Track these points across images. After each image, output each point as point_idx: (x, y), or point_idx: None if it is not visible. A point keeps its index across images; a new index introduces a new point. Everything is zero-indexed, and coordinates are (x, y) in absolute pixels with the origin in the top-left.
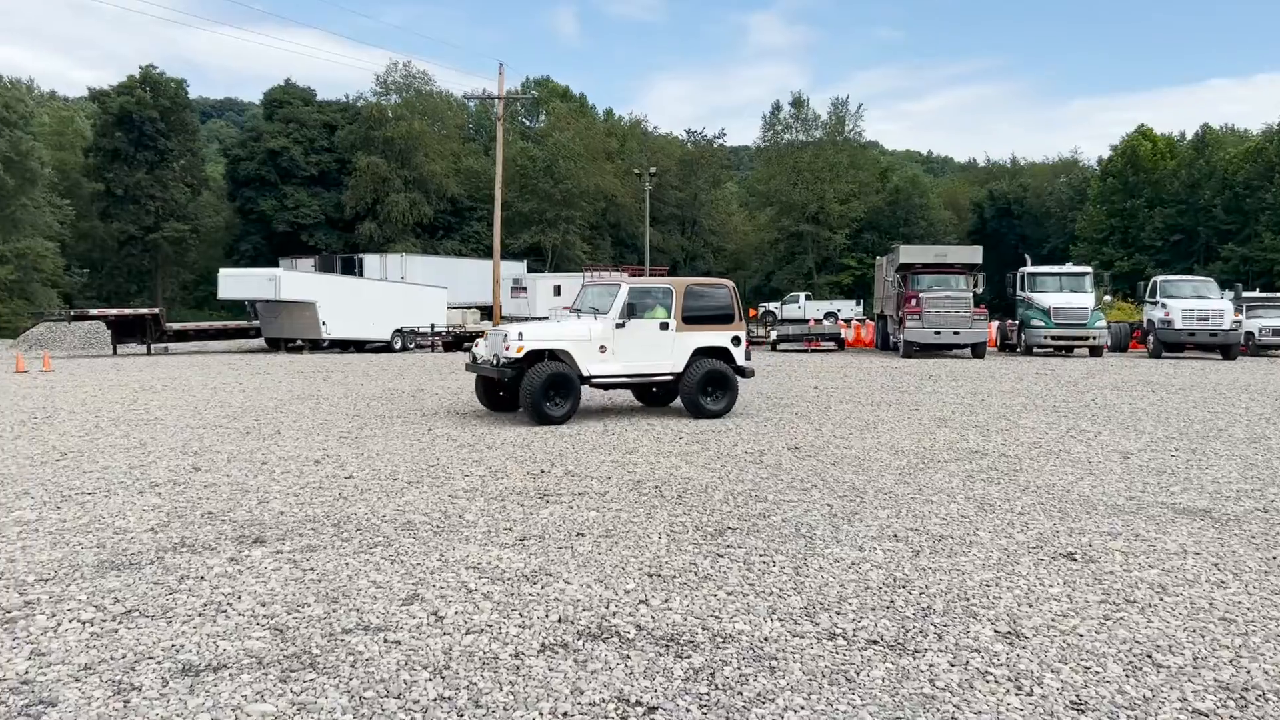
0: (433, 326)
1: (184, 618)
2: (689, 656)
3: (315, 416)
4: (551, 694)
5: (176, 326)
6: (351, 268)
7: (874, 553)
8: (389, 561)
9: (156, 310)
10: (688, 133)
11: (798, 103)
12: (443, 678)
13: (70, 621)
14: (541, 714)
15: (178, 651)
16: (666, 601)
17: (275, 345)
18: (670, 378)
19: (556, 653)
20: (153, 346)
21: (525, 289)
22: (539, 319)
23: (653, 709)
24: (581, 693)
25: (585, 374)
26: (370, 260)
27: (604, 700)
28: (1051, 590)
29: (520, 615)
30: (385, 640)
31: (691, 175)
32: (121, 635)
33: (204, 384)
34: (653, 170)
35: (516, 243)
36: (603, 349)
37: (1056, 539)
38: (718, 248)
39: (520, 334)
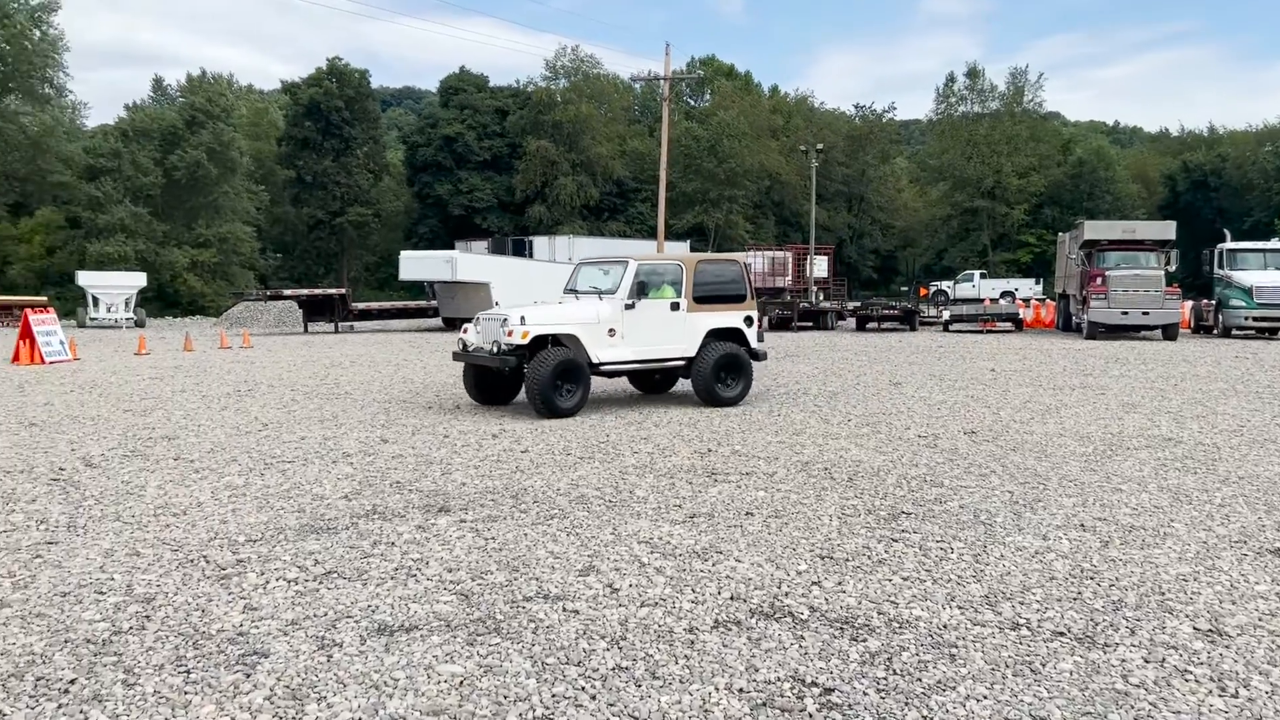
0: None
1: (377, 580)
2: (864, 640)
3: None
4: (726, 670)
5: (361, 306)
6: (522, 249)
7: (1059, 542)
8: (565, 533)
9: (344, 291)
10: (855, 107)
11: (973, 73)
12: (620, 648)
13: (277, 580)
14: (718, 689)
15: (373, 612)
16: (840, 584)
17: (451, 324)
18: (681, 363)
19: (730, 629)
20: (340, 325)
21: None
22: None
23: (829, 690)
24: (756, 670)
25: (594, 360)
26: (539, 242)
27: (779, 679)
28: (1258, 588)
29: (693, 591)
30: (564, 609)
31: (859, 151)
32: (323, 594)
33: (388, 360)
34: (819, 147)
35: (680, 223)
36: (611, 332)
37: (1262, 534)
38: (886, 225)
39: (522, 318)
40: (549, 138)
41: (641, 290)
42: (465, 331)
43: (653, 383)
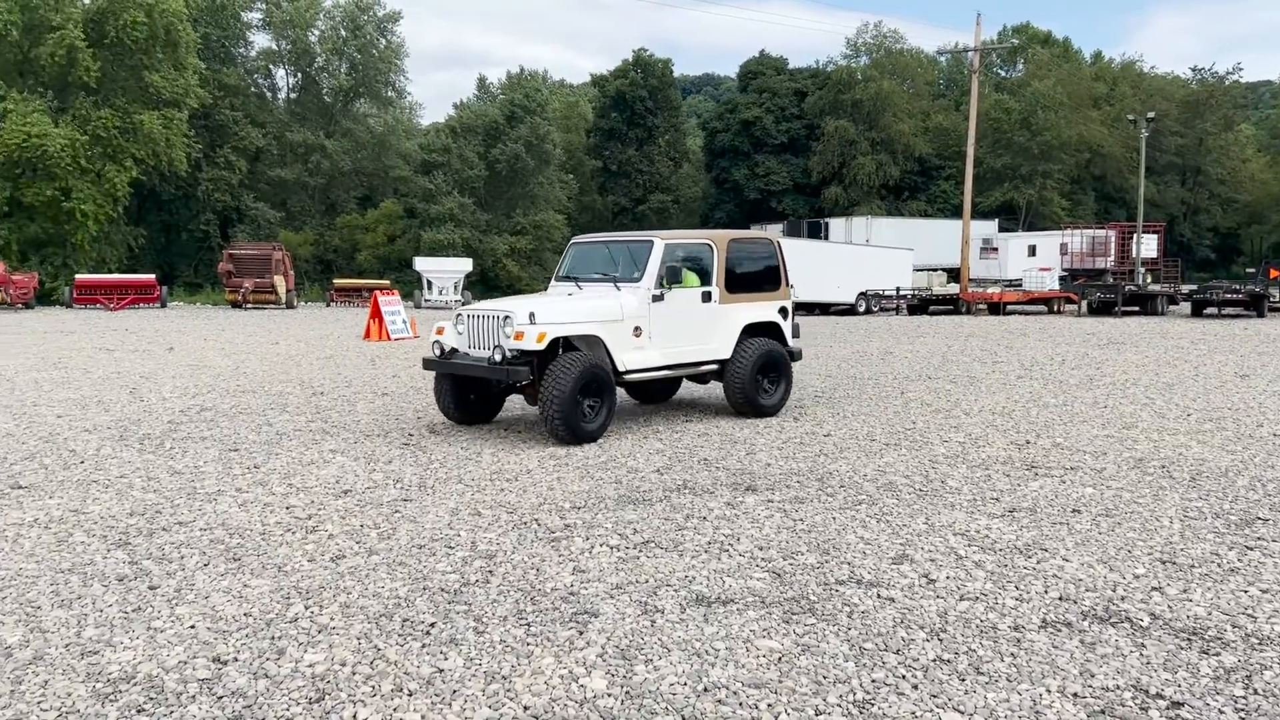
0: (897, 289)
1: (692, 552)
2: (1217, 654)
3: None
4: (1058, 672)
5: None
6: (817, 232)
7: None
8: (874, 520)
9: None
10: (1192, 70)
11: None
12: (940, 640)
13: (601, 546)
14: (1049, 690)
15: (690, 582)
16: (1185, 592)
17: None
18: (714, 367)
19: (1059, 631)
20: None
21: (995, 249)
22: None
23: (1177, 704)
24: (1092, 675)
25: (620, 367)
26: (835, 224)
27: (1118, 687)
28: None
29: (1016, 588)
30: (879, 596)
31: (1196, 118)
32: (643, 562)
33: None
34: (1149, 115)
35: (987, 201)
36: (637, 331)
37: None
38: (1226, 199)
39: (532, 314)
40: (848, 117)
41: (672, 278)
42: (440, 332)
43: (654, 390)
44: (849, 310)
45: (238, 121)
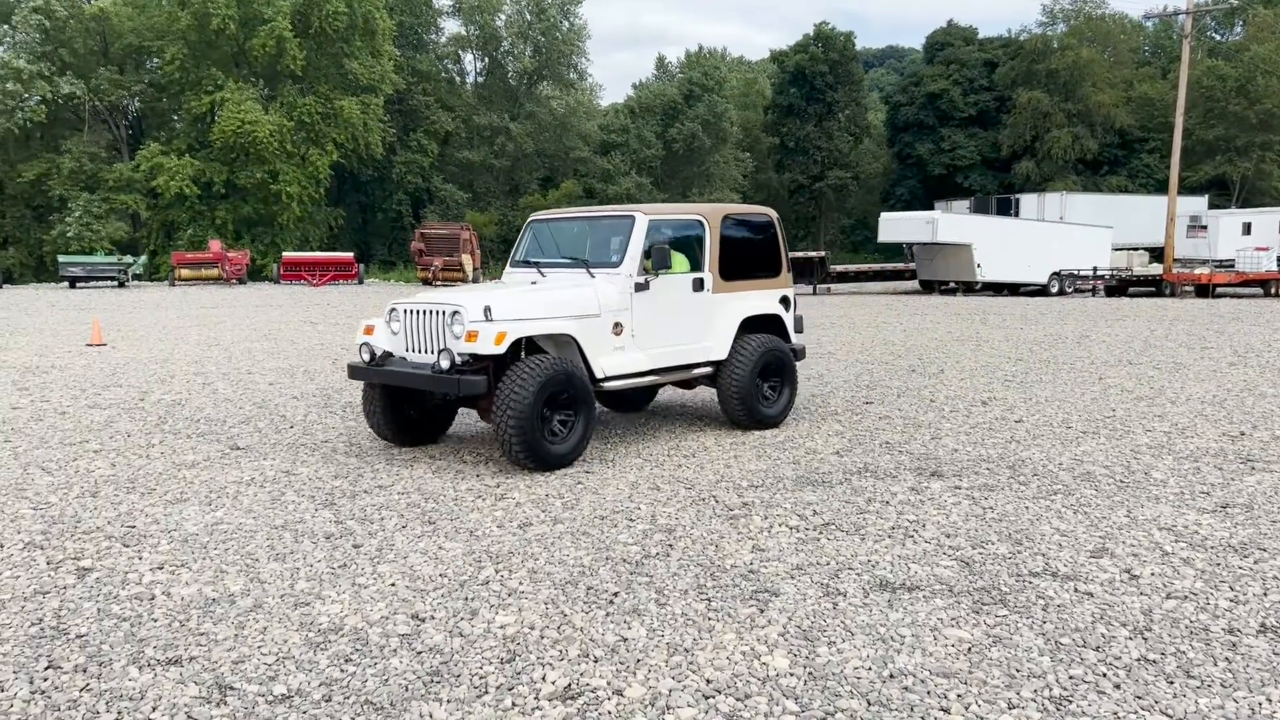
0: (1094, 269)
1: (875, 537)
2: None
3: (976, 358)
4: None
5: (838, 268)
6: (1007, 208)
7: None
8: (1070, 510)
9: (823, 254)
10: None
11: None
12: (1144, 639)
13: (780, 526)
14: (1270, 700)
15: (873, 567)
16: None
17: (929, 287)
18: (708, 369)
19: None
20: (818, 287)
21: (1204, 227)
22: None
23: None
24: None
25: (599, 373)
26: (1027, 200)
27: None
28: None
29: (1231, 589)
30: (1076, 590)
31: None
32: (823, 544)
33: (867, 323)
34: None
35: (1195, 175)
36: (617, 329)
37: None
38: None
39: (488, 308)
40: (1042, 88)
41: (659, 262)
42: (369, 331)
43: (633, 396)
44: (1040, 291)
45: (429, 106)
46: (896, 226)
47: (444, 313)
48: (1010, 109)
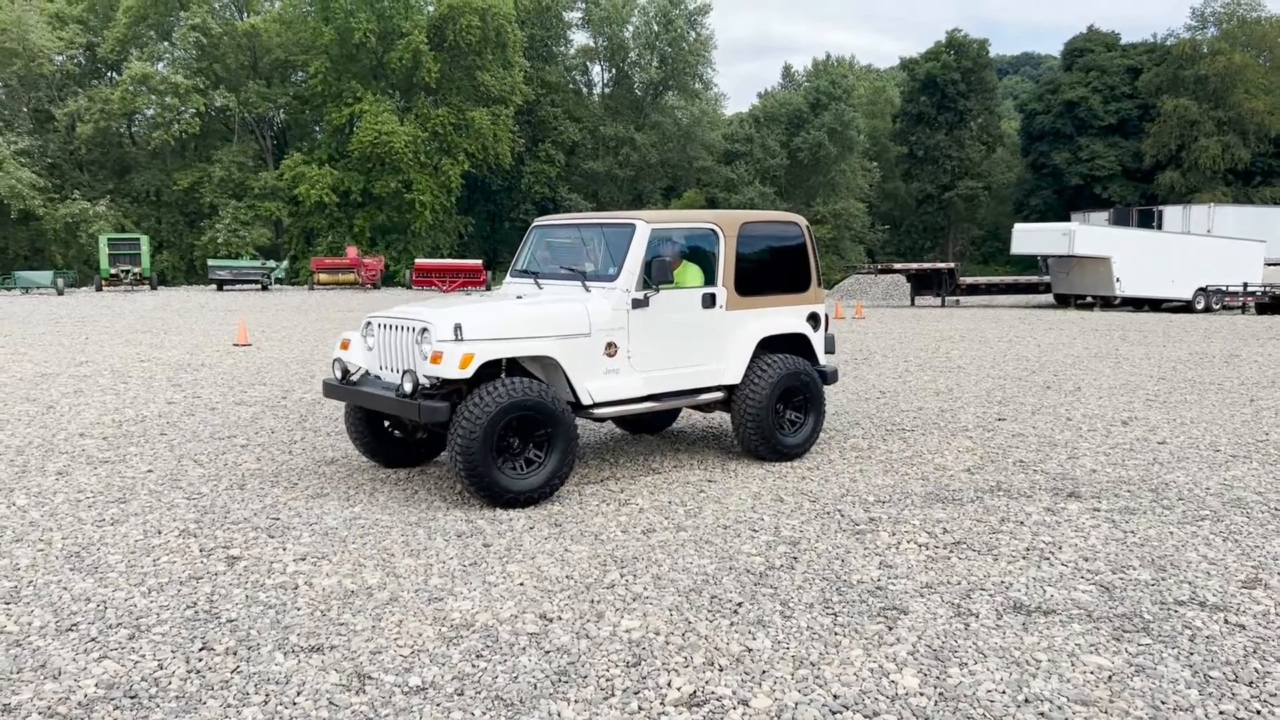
0: (1245, 285)
1: (1008, 558)
2: None
3: (1116, 376)
4: None
5: (968, 281)
6: (1149, 220)
7: None
8: (1219, 538)
9: (952, 265)
10: None
11: None
12: None
13: (908, 543)
14: None
15: (1007, 589)
16: None
17: (1064, 301)
18: (719, 395)
19: None
20: (946, 299)
21: None
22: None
23: None
24: None
25: (586, 399)
26: (1170, 212)
27: None
28: None
29: None
30: (1226, 621)
31: None
32: (954, 563)
33: (999, 337)
34: None
35: None
36: (610, 349)
37: None
38: None
39: (458, 326)
40: (1189, 95)
41: (661, 275)
42: (345, 345)
43: (648, 418)
44: (1184, 307)
45: (556, 117)
46: (1031, 238)
47: (413, 329)
48: (1154, 117)
